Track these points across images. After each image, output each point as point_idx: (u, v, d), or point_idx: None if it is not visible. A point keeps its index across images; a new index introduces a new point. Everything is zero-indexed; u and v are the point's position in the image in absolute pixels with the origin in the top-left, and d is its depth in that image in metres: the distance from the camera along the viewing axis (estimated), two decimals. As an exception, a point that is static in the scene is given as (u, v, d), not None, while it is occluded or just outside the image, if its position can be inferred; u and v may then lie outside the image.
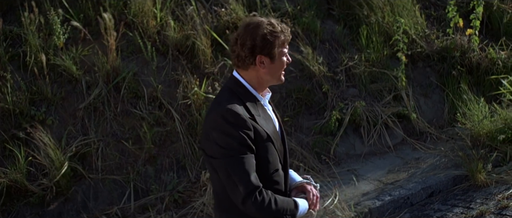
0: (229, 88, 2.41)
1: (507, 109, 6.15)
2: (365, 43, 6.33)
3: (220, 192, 2.43)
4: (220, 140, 2.28)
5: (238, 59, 2.37)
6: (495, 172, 5.51)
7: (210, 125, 2.31)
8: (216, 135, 2.29)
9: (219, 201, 2.47)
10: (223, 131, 2.27)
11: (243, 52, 2.34)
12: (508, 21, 7.60)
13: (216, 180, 2.41)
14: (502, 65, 6.87)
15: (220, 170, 2.32)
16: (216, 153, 2.30)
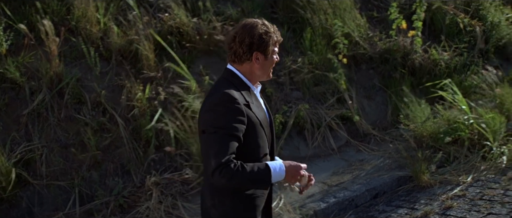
0: (225, 79, 3.22)
1: (449, 110, 7.65)
2: (309, 46, 7.75)
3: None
4: (211, 118, 3.05)
5: (235, 55, 3.21)
6: (439, 173, 6.80)
7: (207, 107, 3.11)
8: (210, 115, 3.07)
9: (217, 190, 3.19)
10: (217, 111, 3.04)
11: (241, 49, 3.18)
12: (450, 22, 9.23)
13: None
14: (445, 66, 8.44)
15: (202, 145, 3.08)
16: (207, 127, 3.06)
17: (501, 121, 7.51)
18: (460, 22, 9.42)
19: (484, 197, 6.22)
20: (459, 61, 8.78)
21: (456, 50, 8.97)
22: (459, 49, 9.01)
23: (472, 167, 6.97)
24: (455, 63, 8.68)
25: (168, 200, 6.01)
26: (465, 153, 7.17)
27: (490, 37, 9.84)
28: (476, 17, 9.86)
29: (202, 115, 3.13)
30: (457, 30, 9.43)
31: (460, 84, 8.37)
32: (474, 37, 9.55)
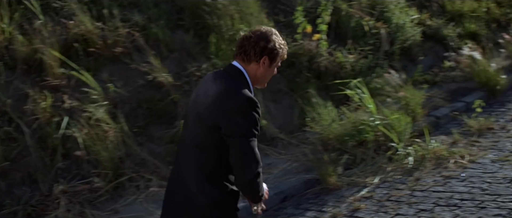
0: (235, 77, 3.67)
1: (355, 112, 8.50)
2: (215, 52, 8.47)
3: (212, 168, 3.60)
4: (241, 122, 3.47)
5: (245, 53, 3.66)
6: (346, 175, 7.54)
7: (235, 107, 3.49)
8: (239, 118, 3.48)
9: (207, 177, 3.61)
10: (246, 115, 3.48)
11: (253, 50, 3.64)
12: (356, 25, 10.19)
13: (213, 157, 3.59)
14: (350, 69, 9.34)
15: (235, 148, 3.48)
16: (235, 132, 3.46)
17: (406, 121, 8.39)
18: (365, 25, 10.36)
19: (391, 198, 6.98)
20: (364, 63, 9.71)
21: (361, 53, 9.91)
22: (365, 52, 9.95)
23: (378, 168, 7.71)
24: (360, 66, 9.61)
25: (76, 208, 6.53)
26: (371, 155, 7.96)
27: (395, 39, 10.87)
28: (381, 20, 10.85)
29: (229, 113, 3.52)
30: (363, 33, 10.38)
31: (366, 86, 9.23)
32: (379, 39, 10.53)
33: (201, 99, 3.68)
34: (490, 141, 8.75)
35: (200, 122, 3.63)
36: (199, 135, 3.64)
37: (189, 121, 3.77)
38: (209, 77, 3.86)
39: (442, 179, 7.41)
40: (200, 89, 3.80)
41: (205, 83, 3.79)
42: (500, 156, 8.07)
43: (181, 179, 3.75)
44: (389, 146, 8.05)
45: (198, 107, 3.68)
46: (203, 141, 3.62)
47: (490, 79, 10.93)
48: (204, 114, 3.61)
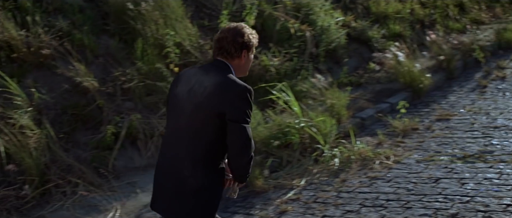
0: (226, 69, 4.36)
1: (280, 115, 8.99)
2: (140, 56, 8.94)
3: (206, 153, 4.26)
4: (245, 109, 4.18)
5: (227, 52, 4.36)
6: (272, 177, 7.96)
7: (238, 95, 4.18)
8: (243, 105, 4.18)
9: (200, 161, 4.26)
10: (249, 104, 4.21)
11: (233, 47, 4.34)
12: (281, 28, 10.80)
13: (209, 143, 4.25)
14: (275, 72, 9.94)
15: (236, 132, 4.15)
16: (239, 118, 4.16)
17: (331, 123, 8.88)
18: (290, 28, 10.99)
19: (318, 200, 7.44)
20: (289, 66, 10.29)
21: (286, 56, 10.49)
22: (290, 55, 10.56)
23: (305, 170, 8.17)
24: (285, 69, 10.18)
25: (3, 215, 6.83)
26: (297, 157, 8.40)
27: (320, 41, 11.51)
28: (306, 22, 11.47)
29: (234, 100, 4.22)
30: (288, 35, 10.98)
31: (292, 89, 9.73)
32: (304, 42, 11.15)
33: (198, 90, 4.31)
34: (415, 141, 9.31)
35: (201, 110, 4.27)
36: (199, 122, 4.28)
37: (184, 111, 4.37)
38: (195, 71, 4.54)
39: (368, 180, 7.92)
40: (191, 82, 4.41)
41: (195, 77, 4.43)
42: (425, 156, 8.62)
43: (172, 165, 4.37)
44: (315, 148, 8.53)
45: (197, 98, 4.30)
46: (202, 128, 4.27)
47: (414, 80, 11.58)
48: (205, 103, 4.25)
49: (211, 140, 4.29)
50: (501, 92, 12.00)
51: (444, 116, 10.51)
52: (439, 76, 12.92)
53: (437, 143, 9.22)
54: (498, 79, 13.06)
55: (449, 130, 9.81)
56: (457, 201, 7.03)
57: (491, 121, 10.14)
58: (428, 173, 8.04)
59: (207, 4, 10.56)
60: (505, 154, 8.49)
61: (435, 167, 8.23)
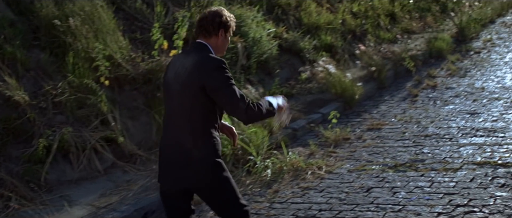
0: (202, 49, 5.12)
1: None
2: (72, 70, 9.16)
3: (201, 125, 5.01)
4: (223, 77, 4.92)
5: (206, 30, 5.12)
6: None
7: (212, 67, 4.94)
8: (220, 74, 4.93)
9: (198, 134, 5.01)
10: (225, 71, 4.95)
11: (211, 26, 5.10)
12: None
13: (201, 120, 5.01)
14: (207, 84, 10.26)
15: (223, 96, 4.91)
16: (220, 85, 4.89)
17: (263, 134, 9.22)
18: (222, 39, 11.33)
19: (251, 211, 7.83)
20: (221, 78, 10.63)
21: (218, 68, 10.82)
22: (222, 66, 10.88)
23: (237, 181, 8.24)
24: (217, 81, 10.51)
25: None
26: (230, 168, 8.47)
27: (252, 52, 11.89)
28: (238, 34, 11.84)
29: (209, 73, 4.95)
30: (221, 47, 11.33)
31: (222, 101, 10.13)
32: (236, 53, 11.52)
33: (181, 71, 5.08)
34: (347, 151, 9.69)
35: (186, 88, 5.01)
36: (187, 99, 5.03)
37: (174, 92, 5.14)
38: (179, 56, 5.48)
39: (300, 191, 8.21)
40: (176, 65, 5.20)
41: (179, 60, 5.26)
42: (357, 165, 9.00)
43: (176, 141, 5.13)
44: (247, 159, 8.81)
45: (181, 78, 5.06)
46: (192, 103, 5.02)
47: (345, 90, 12.08)
48: (188, 80, 5.00)
49: (203, 114, 5.05)
50: (432, 101, 12.62)
51: (375, 125, 10.99)
52: (370, 86, 13.44)
53: (369, 153, 9.60)
54: (429, 88, 13.73)
55: (380, 139, 10.25)
56: (389, 210, 7.34)
57: (422, 129, 10.65)
58: (360, 182, 8.37)
59: (139, 17, 10.86)
60: (436, 162, 8.92)
61: (366, 177, 8.57)
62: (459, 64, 16.09)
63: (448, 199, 7.52)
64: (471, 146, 9.59)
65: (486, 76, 14.71)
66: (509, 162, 8.67)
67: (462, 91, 13.25)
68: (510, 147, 9.38)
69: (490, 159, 8.89)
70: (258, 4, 13.63)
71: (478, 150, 9.33)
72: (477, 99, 12.52)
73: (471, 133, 10.22)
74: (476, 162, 8.80)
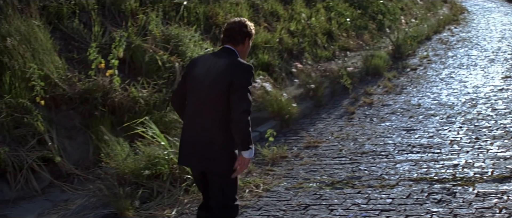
0: (232, 54, 6.19)
1: (149, 146, 9.61)
2: (8, 90, 9.38)
3: (222, 119, 5.97)
4: (247, 78, 6.01)
5: (234, 39, 6.22)
6: (144, 208, 8.41)
7: (243, 69, 6.06)
8: (246, 76, 6.03)
9: (221, 124, 5.99)
10: (251, 75, 6.09)
11: (239, 35, 6.23)
12: (150, 59, 11.48)
13: (223, 111, 5.95)
14: (144, 104, 10.58)
15: (239, 92, 5.89)
16: (242, 83, 5.94)
17: None
18: (159, 59, 11.67)
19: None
20: (158, 97, 10.96)
21: (155, 87, 11.16)
22: (159, 86, 11.23)
23: (176, 200, 8.61)
24: (154, 100, 10.84)
25: None
26: (168, 188, 8.84)
27: (187, 71, 12.22)
28: (175, 53, 12.20)
29: (237, 74, 6.03)
30: (157, 67, 11.67)
31: (161, 120, 10.42)
32: (173, 73, 11.84)
33: (213, 69, 6.13)
34: (284, 169, 9.95)
35: (217, 83, 6.02)
36: (216, 93, 6.03)
37: (203, 85, 6.13)
38: (209, 56, 6.63)
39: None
40: (207, 64, 6.24)
41: (210, 60, 6.30)
42: (294, 183, 9.25)
43: (200, 130, 6.15)
44: (185, 178, 8.99)
45: (213, 75, 6.09)
46: (218, 97, 6.01)
47: (282, 109, 12.46)
48: (219, 77, 6.04)
49: (225, 108, 5.99)
50: (369, 118, 13.10)
51: (312, 143, 11.36)
52: (307, 104, 13.86)
53: (306, 170, 9.88)
54: (365, 105, 14.25)
55: (317, 157, 10.60)
56: (327, 228, 7.68)
57: (358, 146, 11.05)
58: (297, 200, 8.62)
59: (76, 37, 11.12)
60: (373, 179, 9.27)
61: (304, 194, 8.82)
62: (395, 81, 16.72)
63: (385, 216, 7.86)
64: (407, 162, 9.98)
65: (422, 93, 15.33)
66: (445, 178, 9.05)
67: (398, 108, 13.79)
68: (446, 163, 9.78)
69: (426, 175, 9.27)
70: (195, 24, 14.02)
71: (414, 166, 9.72)
72: (413, 116, 13.04)
73: (407, 150, 10.66)
74: (413, 178, 9.16)
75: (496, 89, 15.35)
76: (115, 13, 12.38)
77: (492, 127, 11.78)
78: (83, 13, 11.67)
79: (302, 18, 19.10)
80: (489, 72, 17.75)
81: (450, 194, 8.43)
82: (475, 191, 8.49)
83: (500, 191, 8.42)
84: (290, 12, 19.11)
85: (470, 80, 16.69)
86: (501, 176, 9.00)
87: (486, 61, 19.81)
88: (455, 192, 8.49)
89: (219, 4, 15.62)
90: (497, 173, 9.12)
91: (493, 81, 16.44)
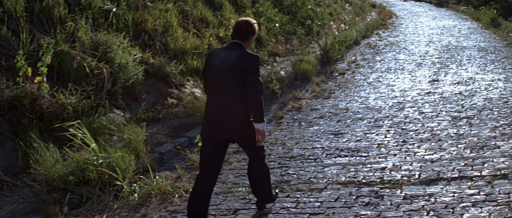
0: (241, 47, 7.85)
1: (78, 152, 9.72)
2: None
3: (240, 97, 7.63)
4: (256, 66, 7.70)
5: (242, 36, 7.92)
6: (73, 214, 8.49)
7: (252, 59, 7.70)
8: (256, 64, 7.69)
9: (242, 104, 7.65)
10: (258, 63, 7.79)
11: (245, 33, 7.93)
12: (78, 66, 11.60)
13: (241, 90, 7.62)
14: (73, 110, 10.69)
15: (252, 77, 7.53)
16: (253, 70, 7.59)
17: (130, 159, 9.67)
18: (87, 66, 11.78)
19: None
20: (87, 104, 11.09)
21: (84, 93, 11.28)
22: (87, 92, 11.35)
23: (105, 206, 8.71)
24: (83, 106, 10.96)
25: None
26: (97, 193, 8.97)
27: (118, 78, 12.38)
28: (104, 60, 12.33)
29: (249, 62, 7.64)
30: (85, 73, 11.78)
31: (90, 126, 10.52)
32: (102, 79, 11.98)
33: (227, 60, 7.72)
34: None
35: (233, 70, 7.63)
36: (233, 78, 7.64)
37: (221, 73, 7.73)
38: (222, 50, 8.32)
39: (168, 214, 8.58)
40: (221, 56, 7.85)
41: (223, 53, 7.95)
42: (224, 188, 9.45)
43: (224, 107, 7.74)
44: (114, 183, 9.15)
45: (227, 64, 7.68)
46: (237, 81, 7.62)
47: (212, 114, 12.62)
48: (234, 66, 7.64)
49: (242, 88, 7.65)
50: (297, 123, 13.39)
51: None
52: (236, 109, 13.98)
53: (235, 175, 10.09)
54: (294, 110, 14.56)
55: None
56: (255, 232, 7.83)
57: (287, 151, 11.31)
58: (226, 204, 8.82)
59: (4, 44, 11.15)
60: (301, 182, 9.50)
61: (233, 199, 9.02)
62: (324, 86, 17.12)
63: (314, 219, 8.10)
64: (335, 166, 10.25)
65: (350, 97, 15.78)
66: (373, 181, 9.35)
67: (326, 113, 14.16)
68: (373, 166, 10.10)
69: (354, 178, 9.54)
70: (124, 31, 14.17)
71: (342, 170, 9.98)
72: (341, 120, 13.41)
73: (335, 153, 10.97)
74: (341, 182, 9.42)
75: (423, 93, 15.90)
76: (44, 20, 12.44)
77: (419, 130, 12.22)
78: (11, 20, 11.73)
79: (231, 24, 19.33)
80: (416, 76, 18.33)
81: (378, 197, 8.70)
82: (402, 193, 8.78)
83: (427, 193, 8.72)
84: (219, 18, 19.41)
85: (397, 84, 17.24)
86: (428, 178, 9.33)
87: (414, 65, 20.42)
88: (383, 195, 8.77)
89: (148, 10, 15.80)
90: (424, 176, 9.46)
91: (420, 85, 17.01)
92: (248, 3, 22.45)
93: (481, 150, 10.63)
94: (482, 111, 13.54)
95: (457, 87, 16.48)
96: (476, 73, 18.45)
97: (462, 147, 10.86)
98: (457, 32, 30.23)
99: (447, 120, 12.94)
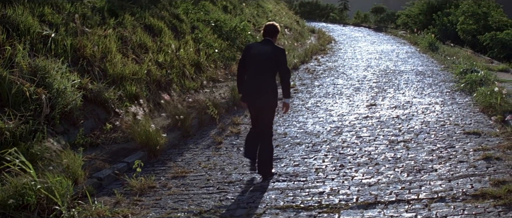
0: (272, 43, 11.37)
1: (17, 177, 9.72)
2: None
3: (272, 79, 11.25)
4: (285, 57, 11.30)
5: (272, 35, 11.44)
6: None
7: (282, 51, 11.26)
8: (285, 57, 11.26)
9: (271, 84, 11.20)
10: (286, 54, 11.35)
11: (274, 32, 11.42)
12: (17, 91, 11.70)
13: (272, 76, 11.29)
14: (10, 135, 10.78)
15: (283, 65, 11.21)
16: (285, 61, 11.24)
17: (68, 184, 9.69)
18: (26, 91, 11.87)
19: None
20: (25, 129, 11.18)
21: (22, 119, 11.37)
22: (25, 117, 11.44)
23: None
24: (21, 131, 11.05)
25: None
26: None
27: (56, 103, 12.49)
28: (42, 85, 12.43)
29: (279, 54, 11.18)
30: (23, 98, 11.86)
31: (28, 152, 10.62)
32: (40, 104, 12.07)
33: (263, 51, 11.18)
34: (152, 199, 10.22)
35: (268, 59, 11.08)
36: (268, 65, 11.11)
37: (259, 61, 11.13)
38: (258, 44, 11.60)
39: None
40: (258, 48, 11.34)
41: (260, 46, 11.38)
42: (162, 213, 9.50)
43: (260, 84, 11.14)
44: (53, 208, 9.14)
45: (264, 56, 11.11)
46: (270, 67, 11.12)
47: (150, 139, 12.85)
48: (270, 56, 11.10)
49: (274, 73, 11.23)
50: (236, 148, 13.60)
51: (180, 173, 11.75)
52: (175, 134, 14.30)
53: (174, 200, 10.17)
54: (232, 135, 14.78)
55: (185, 186, 10.93)
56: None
57: (226, 176, 11.50)
58: None
59: None
60: (240, 208, 9.66)
61: None
62: (262, 111, 17.24)
63: (253, 244, 8.25)
64: (274, 190, 10.45)
65: (289, 122, 16.10)
66: (311, 205, 9.50)
67: (264, 138, 14.24)
68: (311, 190, 10.30)
69: (292, 203, 9.71)
70: (63, 56, 14.24)
71: (281, 195, 10.18)
72: (280, 145, 13.67)
73: (274, 178, 11.17)
74: (279, 207, 9.58)
75: (361, 117, 16.34)
76: (-19, 45, 12.47)
77: (356, 154, 12.55)
78: (-52, 45, 11.73)
79: (170, 50, 19.60)
80: (354, 101, 18.79)
81: (316, 221, 8.89)
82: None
83: (365, 217, 8.95)
84: (158, 44, 19.58)
85: (335, 109, 17.65)
86: (366, 202, 9.55)
87: (352, 89, 20.89)
88: (321, 219, 8.90)
89: (87, 36, 15.90)
90: (362, 200, 9.67)
91: (358, 109, 17.47)
92: (188, 29, 22.66)
93: (418, 173, 10.98)
94: (419, 134, 13.98)
95: (394, 111, 16.97)
96: (414, 97, 19.00)
97: (399, 171, 11.20)
98: (395, 57, 30.93)
99: (385, 143, 13.32)
